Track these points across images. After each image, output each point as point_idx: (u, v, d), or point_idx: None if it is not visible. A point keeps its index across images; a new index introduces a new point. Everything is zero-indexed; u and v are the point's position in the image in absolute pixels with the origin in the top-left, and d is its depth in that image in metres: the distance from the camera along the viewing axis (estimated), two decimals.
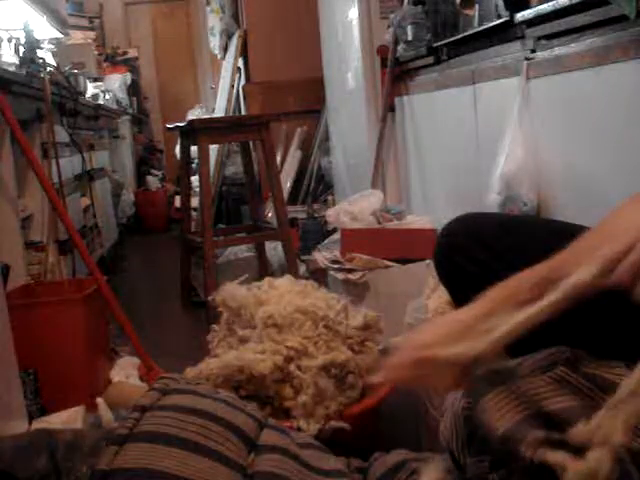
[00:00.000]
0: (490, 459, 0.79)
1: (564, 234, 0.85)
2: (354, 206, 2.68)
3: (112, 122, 5.28)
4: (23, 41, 2.77)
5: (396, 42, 2.87)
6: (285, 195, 3.73)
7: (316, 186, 4.41)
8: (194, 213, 3.98)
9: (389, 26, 2.94)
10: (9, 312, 1.55)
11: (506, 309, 0.78)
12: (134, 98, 6.91)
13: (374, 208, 2.65)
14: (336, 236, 2.70)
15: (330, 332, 1.52)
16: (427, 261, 2.36)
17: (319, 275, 2.52)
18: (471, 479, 0.81)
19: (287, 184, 4.36)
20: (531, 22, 1.82)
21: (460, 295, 1.13)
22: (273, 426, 1.16)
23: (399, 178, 3.16)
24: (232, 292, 1.66)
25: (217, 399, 1.13)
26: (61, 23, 3.77)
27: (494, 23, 2.02)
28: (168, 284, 3.61)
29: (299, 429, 1.35)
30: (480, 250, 1.03)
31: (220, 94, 5.14)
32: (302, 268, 3.06)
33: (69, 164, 2.99)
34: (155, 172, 6.93)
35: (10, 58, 2.72)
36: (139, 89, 7.55)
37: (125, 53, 7.26)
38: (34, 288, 2.10)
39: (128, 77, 6.55)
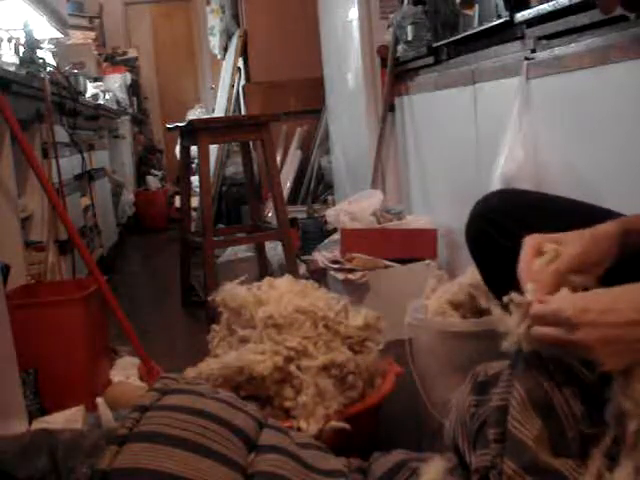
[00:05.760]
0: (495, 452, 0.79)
1: (592, 216, 0.90)
2: (354, 206, 2.68)
3: (112, 122, 5.28)
4: (23, 41, 2.78)
5: (396, 42, 2.87)
6: (285, 195, 3.73)
7: (316, 186, 4.41)
8: (194, 213, 3.99)
9: (389, 26, 2.94)
10: (9, 312, 1.55)
11: None
12: (134, 98, 6.91)
13: (374, 208, 2.65)
14: (336, 236, 2.70)
15: (330, 332, 1.52)
16: (427, 261, 2.37)
17: (319, 275, 2.52)
18: (477, 470, 0.81)
19: (287, 184, 4.36)
20: (531, 22, 1.82)
21: (489, 268, 1.14)
22: (273, 426, 1.16)
23: (399, 178, 3.15)
24: (232, 292, 1.65)
25: (217, 399, 1.13)
26: (61, 23, 3.77)
27: (494, 23, 2.02)
28: (168, 284, 3.61)
29: (299, 429, 1.35)
30: (513, 224, 1.04)
31: (220, 94, 5.14)
32: (302, 268, 3.06)
33: (69, 164, 2.99)
34: (155, 172, 6.93)
35: (10, 58, 2.72)
36: (139, 89, 7.55)
37: (125, 53, 7.26)
38: (34, 288, 2.10)
39: (128, 77, 6.55)
